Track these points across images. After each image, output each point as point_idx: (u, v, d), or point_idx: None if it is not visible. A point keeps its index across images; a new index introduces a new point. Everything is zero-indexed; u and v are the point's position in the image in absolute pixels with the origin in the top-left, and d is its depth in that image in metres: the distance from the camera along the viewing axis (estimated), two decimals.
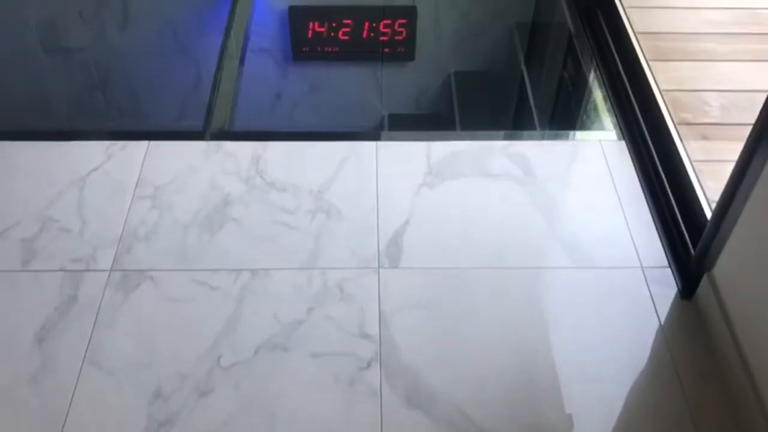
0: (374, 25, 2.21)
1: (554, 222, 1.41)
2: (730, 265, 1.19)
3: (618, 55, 1.76)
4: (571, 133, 1.61)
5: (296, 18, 2.20)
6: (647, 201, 1.45)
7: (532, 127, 1.91)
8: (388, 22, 2.20)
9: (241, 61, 1.94)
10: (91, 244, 1.35)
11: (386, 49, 2.26)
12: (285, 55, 2.27)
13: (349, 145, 1.56)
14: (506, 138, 1.59)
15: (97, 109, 2.26)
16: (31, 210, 1.41)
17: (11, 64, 2.16)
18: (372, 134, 1.68)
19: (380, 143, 1.56)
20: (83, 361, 1.18)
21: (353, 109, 2.45)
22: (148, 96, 2.26)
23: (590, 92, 1.75)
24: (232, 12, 2.01)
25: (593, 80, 1.77)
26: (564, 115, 1.81)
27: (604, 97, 1.70)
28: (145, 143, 1.55)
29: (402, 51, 2.27)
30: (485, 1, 2.21)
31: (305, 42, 2.24)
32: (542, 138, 1.62)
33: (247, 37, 2.00)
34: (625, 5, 1.86)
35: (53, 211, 1.41)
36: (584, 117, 1.72)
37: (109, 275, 1.30)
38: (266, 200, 1.44)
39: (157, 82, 2.25)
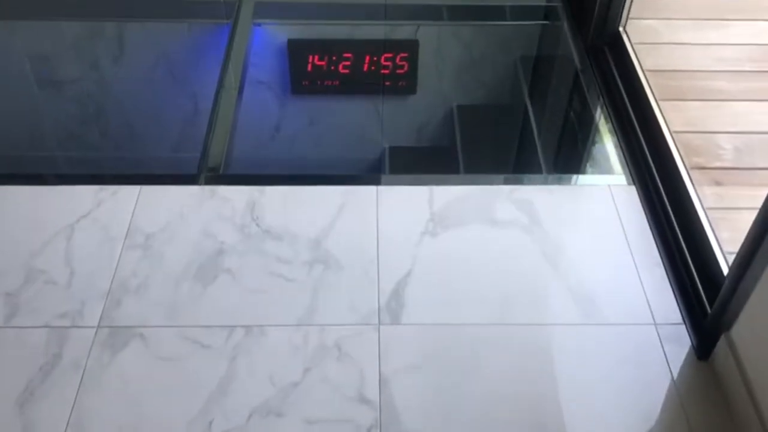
0: (375, 58, 2.16)
1: (562, 274, 1.35)
2: (751, 327, 1.13)
3: (626, 93, 1.70)
4: (579, 176, 1.55)
5: (295, 51, 2.15)
6: (659, 252, 1.39)
7: (537, 167, 1.86)
8: (390, 55, 2.15)
9: (239, 95, 1.89)
10: (79, 297, 1.29)
11: (387, 83, 2.21)
12: (284, 88, 2.22)
13: (348, 190, 1.50)
14: (511, 182, 1.54)
15: (89, 145, 2.22)
16: (17, 260, 1.35)
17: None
18: (372, 178, 1.62)
19: (381, 188, 1.50)
20: (66, 427, 1.12)
21: (353, 142, 2.40)
22: (143, 131, 2.22)
23: (597, 132, 1.70)
24: (229, 44, 1.96)
25: (600, 119, 1.71)
26: (570, 156, 1.76)
27: (612, 138, 1.64)
28: (136, 188, 1.50)
29: (403, 84, 2.22)
30: (489, 34, 2.16)
31: (304, 75, 2.19)
32: (548, 182, 1.56)
33: (244, 70, 1.94)
34: (633, 41, 1.81)
35: (40, 261, 1.35)
36: (591, 159, 1.67)
37: (96, 332, 1.24)
38: (262, 250, 1.38)
39: (151, 116, 2.21)
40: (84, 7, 2.12)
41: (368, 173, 2.45)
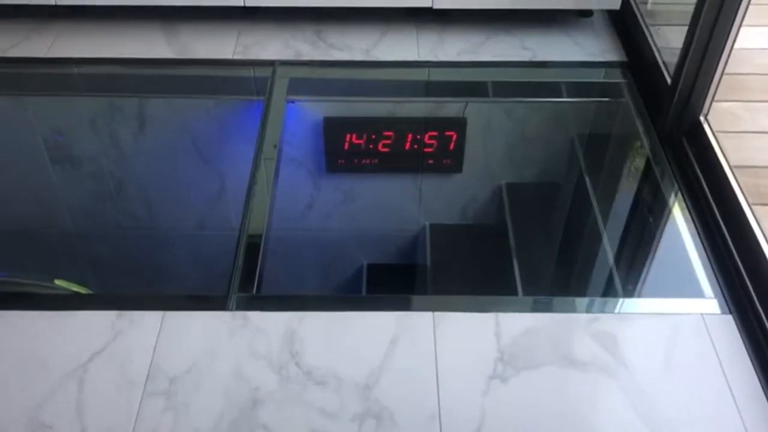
0: (418, 137, 1.97)
1: (655, 427, 1.14)
2: None
3: (711, 194, 1.50)
4: (664, 301, 1.34)
5: (331, 130, 1.97)
6: None
7: (606, 272, 1.65)
8: (435, 134, 1.97)
9: (275, 181, 1.70)
10: None
11: (431, 161, 2.02)
12: (319, 168, 2.04)
13: (400, 318, 1.30)
14: (587, 309, 1.34)
15: (102, 246, 2.05)
16: (19, 412, 1.16)
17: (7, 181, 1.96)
18: (427, 301, 1.43)
19: (438, 314, 1.31)
20: None
21: (392, 219, 2.21)
22: (165, 228, 2.05)
23: (679, 240, 1.49)
24: (262, 125, 1.78)
25: (682, 224, 1.51)
26: (648, 268, 1.55)
27: (697, 249, 1.44)
28: (159, 315, 1.31)
29: (448, 162, 2.03)
30: (543, 111, 1.97)
31: (341, 154, 2.01)
32: (628, 309, 1.35)
33: (279, 153, 1.77)
34: (714, 128, 1.61)
35: (46, 413, 1.16)
36: (675, 275, 1.46)
37: None
38: (303, 399, 1.19)
39: (177, 204, 2.03)
40: (109, 83, 1.96)
41: (409, 250, 2.26)
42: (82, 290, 1.81)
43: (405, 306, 1.34)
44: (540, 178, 2.06)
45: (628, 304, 1.38)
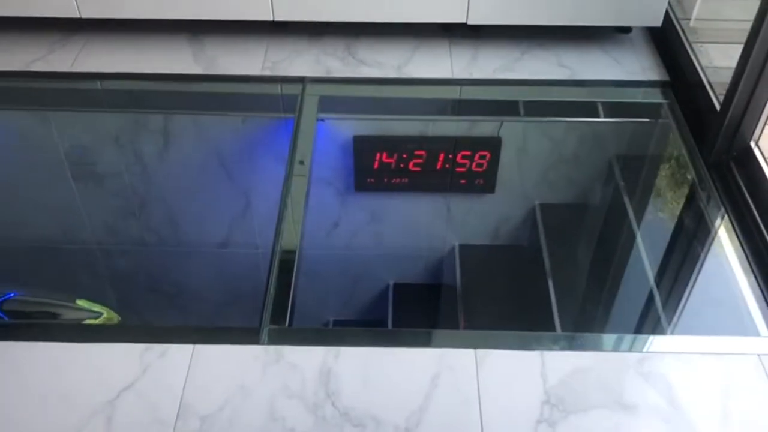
0: (450, 156, 1.91)
1: None
2: None
3: (763, 223, 1.43)
4: (717, 340, 1.28)
5: (361, 148, 1.91)
6: None
7: (650, 303, 1.58)
8: (467, 153, 1.91)
9: (305, 203, 1.65)
10: None
11: (462, 181, 1.96)
12: (348, 186, 1.98)
13: (441, 355, 1.24)
14: (636, 347, 1.27)
15: (126, 264, 2.01)
16: None
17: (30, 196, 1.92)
18: (470, 337, 1.37)
19: (480, 351, 1.25)
20: None
21: (422, 239, 2.15)
22: (191, 246, 2.00)
23: (727, 271, 1.43)
24: (293, 144, 1.73)
25: (731, 254, 1.44)
26: (697, 299, 1.48)
27: (750, 283, 1.37)
28: (189, 348, 1.26)
29: (480, 183, 1.97)
30: (580, 131, 1.91)
31: (371, 173, 1.95)
32: (680, 347, 1.28)
33: (309, 172, 1.71)
34: (766, 154, 1.54)
35: None
36: (727, 310, 1.40)
37: None
38: None
39: (201, 228, 1.99)
40: (134, 99, 1.91)
41: (437, 271, 2.21)
42: (104, 311, 1.76)
43: (446, 342, 1.28)
44: (576, 200, 2.00)
45: (679, 342, 1.31)
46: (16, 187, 1.95)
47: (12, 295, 1.73)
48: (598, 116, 1.85)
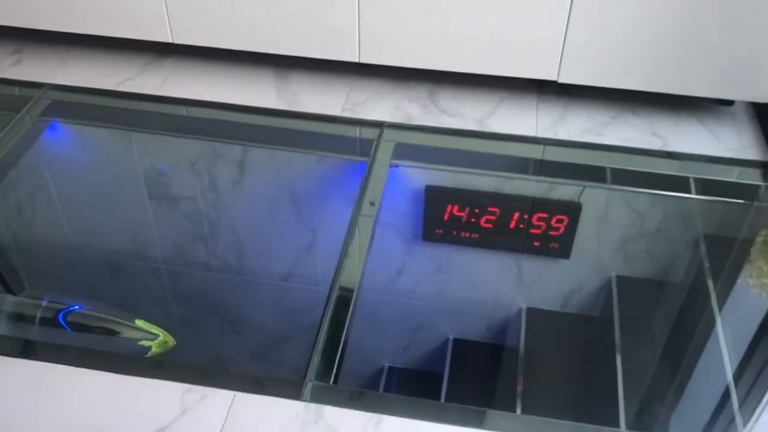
0: (525, 216, 1.83)
1: None
2: None
3: None
4: None
5: (433, 198, 1.86)
6: None
7: (725, 394, 1.46)
8: (544, 215, 1.82)
9: (370, 241, 1.61)
10: None
11: (536, 243, 1.88)
12: (415, 235, 1.93)
13: None
14: None
15: (188, 286, 2.01)
16: None
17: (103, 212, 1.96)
18: (526, 424, 1.28)
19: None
20: None
21: (486, 296, 2.07)
22: (250, 276, 2.00)
23: None
24: (363, 187, 1.70)
25: None
26: None
27: None
28: (229, 395, 1.23)
29: (555, 247, 1.88)
30: (668, 205, 1.79)
31: (440, 224, 1.89)
32: None
33: (377, 216, 1.68)
34: None
35: None
36: None
37: None
38: None
39: (263, 259, 1.98)
40: (214, 127, 1.93)
41: (501, 331, 2.12)
42: (161, 333, 1.77)
43: (500, 424, 1.21)
44: (655, 276, 1.88)
45: None
46: (94, 201, 2.00)
47: (76, 307, 1.76)
48: (688, 192, 1.74)
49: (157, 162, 2.01)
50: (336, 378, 1.29)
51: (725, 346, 1.60)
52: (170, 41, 1.91)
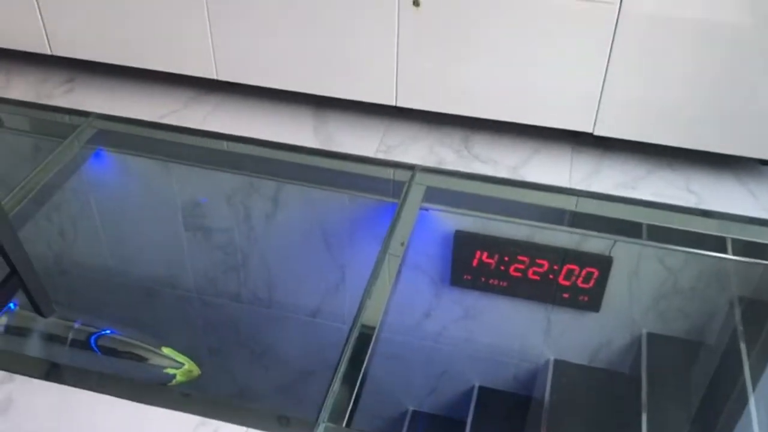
0: (555, 267, 1.82)
1: None
2: None
3: None
4: None
5: (462, 244, 1.86)
6: None
7: None
8: (574, 267, 1.80)
9: (393, 287, 1.62)
10: None
11: (566, 295, 1.86)
12: (442, 279, 1.93)
13: None
14: None
15: (215, 316, 2.05)
16: None
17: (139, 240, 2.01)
18: None
19: None
20: None
21: (513, 345, 2.05)
22: (277, 310, 2.02)
23: None
24: (392, 228, 1.71)
25: None
26: None
27: None
28: (242, 431, 1.24)
29: (585, 300, 1.85)
30: (702, 264, 1.75)
31: (468, 269, 1.89)
32: None
33: (403, 256, 1.68)
34: None
35: None
36: None
37: None
38: None
39: (290, 294, 2.00)
40: (252, 163, 1.98)
41: (527, 381, 2.09)
42: (186, 362, 1.79)
43: None
44: (687, 336, 1.83)
45: None
46: (132, 228, 2.05)
47: (108, 332, 1.80)
48: (723, 252, 1.70)
49: (195, 194, 2.05)
50: (350, 420, 1.29)
51: (755, 412, 1.54)
52: (215, 77, 1.97)
